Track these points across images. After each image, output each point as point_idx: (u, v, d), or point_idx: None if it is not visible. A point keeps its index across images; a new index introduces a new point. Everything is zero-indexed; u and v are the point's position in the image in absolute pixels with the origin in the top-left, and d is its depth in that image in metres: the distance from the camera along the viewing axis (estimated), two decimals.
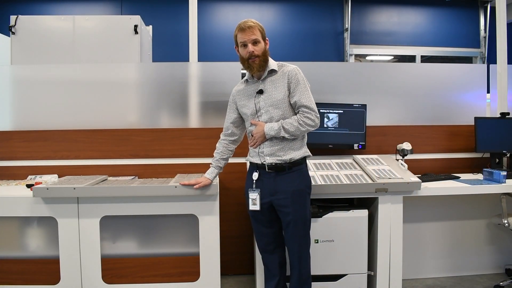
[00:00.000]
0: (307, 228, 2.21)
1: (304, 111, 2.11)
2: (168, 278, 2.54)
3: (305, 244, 2.22)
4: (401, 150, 2.92)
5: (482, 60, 6.86)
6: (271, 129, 2.11)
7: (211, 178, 2.39)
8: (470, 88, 3.36)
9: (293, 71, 2.15)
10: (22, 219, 2.52)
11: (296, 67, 2.17)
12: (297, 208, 2.15)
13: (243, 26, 2.12)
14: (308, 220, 2.21)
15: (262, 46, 2.14)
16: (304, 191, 2.18)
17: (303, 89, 2.12)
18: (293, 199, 2.15)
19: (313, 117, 2.11)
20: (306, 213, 2.19)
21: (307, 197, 2.21)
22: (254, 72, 2.16)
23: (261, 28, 2.15)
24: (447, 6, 6.81)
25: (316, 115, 2.12)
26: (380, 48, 6.85)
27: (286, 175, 2.16)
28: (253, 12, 6.50)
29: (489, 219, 3.02)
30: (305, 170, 2.22)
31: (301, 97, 2.11)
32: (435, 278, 3.04)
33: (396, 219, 2.58)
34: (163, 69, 3.23)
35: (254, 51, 2.11)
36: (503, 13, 3.40)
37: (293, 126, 2.09)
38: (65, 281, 2.47)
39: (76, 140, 3.02)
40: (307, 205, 2.20)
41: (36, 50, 3.41)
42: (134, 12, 3.90)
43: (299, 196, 2.16)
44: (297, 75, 2.14)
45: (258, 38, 2.12)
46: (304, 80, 2.16)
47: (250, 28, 2.11)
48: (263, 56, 2.13)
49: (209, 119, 3.19)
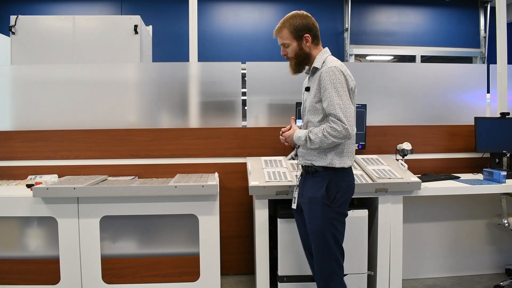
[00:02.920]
0: (322, 243, 2.00)
1: (331, 120, 1.91)
2: (168, 278, 2.54)
3: (323, 260, 2.02)
4: (401, 150, 2.92)
5: (482, 60, 6.86)
6: (299, 139, 2.02)
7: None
8: (470, 88, 3.36)
9: (324, 73, 1.93)
10: (22, 219, 2.52)
11: (332, 67, 1.92)
12: (311, 218, 2.03)
13: (275, 30, 2.06)
14: (323, 234, 1.98)
15: (293, 48, 2.02)
16: (318, 200, 1.98)
17: (331, 95, 1.89)
18: (308, 206, 2.03)
19: (340, 128, 1.87)
20: (320, 226, 1.99)
21: (323, 209, 1.98)
22: (292, 73, 2.10)
23: (292, 27, 2.00)
24: (447, 6, 6.81)
25: (344, 125, 1.87)
26: (380, 48, 6.85)
27: (309, 180, 2.06)
28: (253, 12, 6.51)
29: (489, 219, 3.02)
30: (329, 180, 1.99)
31: (329, 104, 1.90)
32: (435, 278, 3.04)
33: (396, 219, 2.58)
34: (163, 69, 3.23)
35: (286, 54, 2.06)
36: (503, 13, 3.40)
37: (318, 137, 1.93)
38: (65, 281, 2.47)
39: (76, 140, 3.02)
40: (322, 217, 1.98)
41: (36, 50, 3.41)
42: (134, 12, 3.90)
43: (313, 204, 2.00)
44: (326, 78, 1.91)
45: (285, 41, 2.03)
46: (336, 83, 1.90)
47: (278, 32, 2.05)
48: (296, 58, 2.04)
49: (209, 119, 3.19)
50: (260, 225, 2.53)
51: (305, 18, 2.03)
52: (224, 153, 3.07)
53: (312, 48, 2.04)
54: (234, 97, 3.17)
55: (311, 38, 2.02)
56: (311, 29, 2.02)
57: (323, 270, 2.04)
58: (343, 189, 2.01)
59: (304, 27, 2.01)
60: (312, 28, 2.03)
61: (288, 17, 2.04)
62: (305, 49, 2.03)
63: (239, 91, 3.17)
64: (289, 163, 2.84)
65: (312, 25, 2.04)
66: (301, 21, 2.01)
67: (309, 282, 2.54)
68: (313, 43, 2.04)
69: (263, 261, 2.54)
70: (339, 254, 2.04)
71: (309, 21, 2.03)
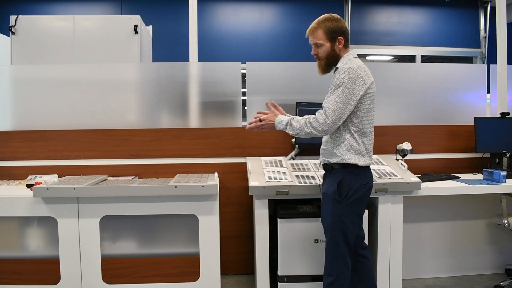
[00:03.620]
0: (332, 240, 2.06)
1: (318, 111, 2.02)
2: (168, 278, 2.54)
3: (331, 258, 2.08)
4: (401, 150, 2.92)
5: (482, 60, 6.86)
6: (280, 123, 2.11)
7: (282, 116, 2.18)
8: (470, 88, 3.36)
9: (337, 73, 2.04)
10: (22, 219, 2.52)
11: (346, 68, 2.00)
12: (322, 214, 2.13)
13: (309, 29, 2.12)
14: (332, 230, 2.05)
15: (325, 49, 2.08)
16: (329, 196, 2.06)
17: (333, 92, 2.00)
18: (322, 202, 2.14)
19: (321, 120, 1.97)
20: (329, 221, 2.07)
21: (334, 205, 2.04)
22: (320, 73, 2.16)
23: (327, 29, 2.07)
24: (447, 6, 6.81)
25: (326, 119, 1.96)
26: (380, 48, 6.84)
27: (327, 177, 2.15)
28: (253, 12, 6.50)
29: (489, 219, 3.02)
30: (341, 177, 2.05)
31: (326, 99, 2.03)
32: (435, 278, 3.04)
33: (396, 219, 2.58)
34: (163, 69, 3.23)
35: (317, 53, 2.12)
36: (503, 13, 3.40)
37: (299, 124, 2.03)
38: (65, 281, 2.47)
39: (76, 140, 3.02)
40: (331, 212, 2.05)
41: (36, 50, 3.41)
42: (134, 12, 3.90)
43: (325, 200, 2.11)
44: (336, 76, 2.03)
45: (318, 41, 2.09)
46: (341, 84, 1.97)
47: (312, 32, 2.10)
48: (327, 58, 2.10)
49: (209, 119, 3.19)
50: (260, 225, 2.53)
51: (340, 21, 2.11)
52: (224, 153, 3.07)
53: (342, 50, 2.12)
54: (234, 97, 3.17)
55: (344, 41, 2.10)
56: (344, 32, 2.10)
57: (331, 269, 2.08)
58: (356, 187, 2.05)
59: (339, 30, 2.08)
60: (345, 31, 2.11)
61: (324, 19, 2.11)
62: (337, 50, 2.10)
63: (239, 91, 3.17)
64: (289, 163, 2.84)
65: (345, 28, 2.12)
66: (336, 23, 2.09)
67: (309, 282, 2.54)
68: (344, 46, 2.12)
69: (263, 261, 2.54)
70: (348, 253, 2.08)
71: (343, 25, 2.12)
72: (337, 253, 2.07)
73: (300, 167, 2.79)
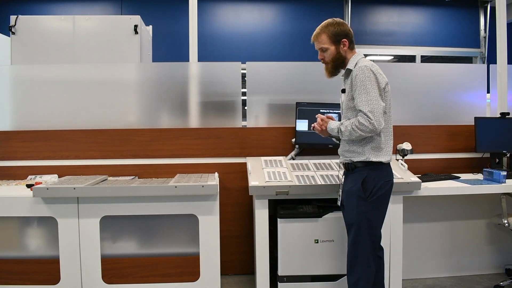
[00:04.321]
0: (357, 236, 2.08)
1: (359, 115, 2.02)
2: (168, 278, 2.54)
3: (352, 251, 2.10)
4: (401, 150, 2.92)
5: (482, 60, 6.86)
6: (332, 130, 2.15)
7: None
8: (470, 88, 3.36)
9: (355, 71, 2.06)
10: (22, 219, 2.52)
11: (362, 67, 2.04)
12: (347, 211, 2.14)
13: (313, 36, 2.18)
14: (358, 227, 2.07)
15: (331, 52, 2.14)
16: (353, 193, 2.09)
17: (360, 92, 2.01)
18: (346, 200, 2.16)
19: (366, 123, 1.98)
20: (354, 218, 2.09)
21: (359, 202, 2.07)
22: (328, 77, 2.21)
23: (330, 33, 2.13)
24: (447, 6, 6.81)
25: (370, 120, 1.98)
26: (380, 48, 6.85)
27: (349, 176, 2.16)
28: (253, 12, 6.50)
29: (489, 219, 3.02)
30: (365, 174, 2.08)
31: (358, 101, 2.03)
32: (435, 278, 3.04)
33: (396, 219, 2.58)
34: (163, 69, 3.23)
35: (324, 58, 2.17)
36: (503, 13, 3.40)
37: (347, 130, 2.05)
38: (65, 281, 2.47)
39: (76, 140, 3.02)
40: (357, 209, 2.08)
41: (36, 50, 3.41)
42: (134, 12, 3.90)
43: (349, 198, 2.12)
44: (357, 77, 2.04)
45: (324, 46, 2.15)
46: (365, 81, 2.01)
47: (316, 37, 2.17)
48: (333, 62, 2.16)
49: (209, 119, 3.19)
50: (260, 225, 2.52)
51: (342, 24, 2.16)
52: (224, 153, 3.07)
53: (348, 52, 2.17)
54: (234, 97, 3.17)
55: (348, 43, 2.15)
56: (347, 35, 2.15)
57: (355, 268, 2.10)
58: (380, 184, 2.09)
59: (342, 33, 2.14)
60: (348, 33, 2.16)
61: (327, 24, 2.16)
62: (342, 53, 2.15)
63: (239, 91, 3.17)
64: (289, 163, 2.84)
65: (349, 31, 2.17)
66: (339, 27, 2.14)
67: (309, 282, 2.55)
68: (349, 48, 2.17)
69: (263, 261, 2.54)
70: (372, 252, 2.10)
71: (346, 28, 2.17)
72: (362, 251, 2.09)
73: (300, 167, 2.79)
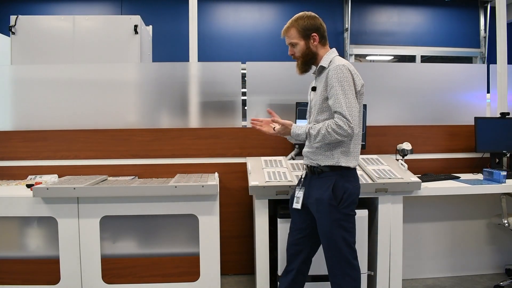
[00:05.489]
0: (332, 245, 1.98)
1: (337, 117, 1.90)
2: (168, 278, 2.54)
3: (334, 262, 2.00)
4: (401, 150, 2.92)
5: (482, 60, 6.87)
6: (298, 136, 2.02)
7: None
8: (470, 88, 3.36)
9: (332, 70, 1.94)
10: (22, 219, 2.52)
11: (340, 65, 1.93)
12: (319, 220, 2.01)
13: (283, 30, 2.09)
14: (331, 236, 1.97)
15: (300, 48, 2.04)
16: (325, 202, 1.97)
17: (337, 92, 1.90)
18: (317, 207, 2.01)
19: (345, 126, 1.88)
20: (327, 227, 1.98)
21: (331, 210, 1.96)
22: (299, 73, 2.12)
23: (300, 27, 2.03)
24: (447, 6, 6.81)
25: (349, 123, 1.87)
26: (380, 48, 6.85)
27: (315, 180, 2.05)
28: (253, 12, 6.51)
29: (489, 219, 3.02)
30: (336, 180, 1.98)
31: (335, 102, 1.91)
32: (435, 278, 3.04)
33: (396, 219, 2.58)
34: (163, 69, 3.23)
35: (294, 53, 2.08)
36: (503, 13, 3.40)
37: (320, 133, 1.93)
38: (65, 281, 2.48)
39: (76, 140, 3.02)
40: (329, 218, 1.97)
41: (36, 50, 3.41)
42: (134, 12, 3.90)
43: (320, 206, 1.99)
44: (333, 76, 1.92)
45: (293, 40, 2.05)
46: (343, 81, 1.91)
47: (286, 32, 2.07)
48: (303, 57, 2.06)
49: (209, 119, 3.19)
50: (260, 225, 2.52)
51: (313, 18, 2.07)
52: (224, 153, 3.07)
53: (319, 47, 2.07)
54: (234, 97, 3.17)
55: (319, 37, 2.05)
56: (318, 29, 2.05)
57: (335, 272, 2.03)
58: (350, 190, 2.00)
59: (312, 27, 2.04)
60: (319, 28, 2.06)
61: (296, 17, 2.07)
62: (312, 48, 2.05)
63: (239, 91, 3.17)
64: (289, 163, 2.84)
65: (320, 25, 2.07)
66: (309, 21, 2.05)
67: (309, 282, 2.54)
68: (320, 43, 2.07)
69: (263, 261, 2.54)
70: (350, 255, 2.01)
71: (317, 21, 2.07)
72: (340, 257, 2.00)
73: (300, 167, 2.79)
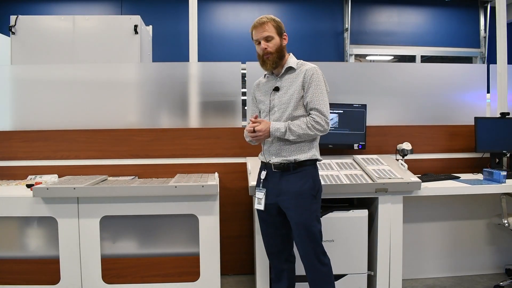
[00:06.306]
0: (312, 235, 2.05)
1: (315, 114, 2.03)
2: (168, 278, 2.54)
3: (312, 252, 2.07)
4: (401, 150, 2.92)
5: (482, 60, 6.86)
6: (277, 130, 2.04)
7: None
8: (470, 88, 3.36)
9: (310, 70, 2.07)
10: (22, 219, 2.52)
11: (316, 67, 2.09)
12: (300, 211, 2.05)
13: (256, 23, 2.10)
14: (312, 225, 2.05)
15: (276, 42, 2.08)
16: (307, 193, 2.06)
17: (316, 91, 2.04)
18: (296, 201, 2.06)
19: (323, 122, 2.02)
20: (309, 217, 2.06)
21: (312, 201, 2.07)
22: (268, 69, 2.14)
23: (276, 24, 2.10)
24: (447, 6, 6.81)
25: (326, 120, 2.03)
26: (380, 48, 6.85)
27: (290, 175, 2.08)
28: (253, 12, 6.50)
29: (489, 219, 3.02)
30: (312, 172, 2.11)
31: (314, 99, 2.03)
32: (435, 278, 3.04)
33: (396, 219, 2.58)
34: (163, 69, 3.23)
35: (267, 47, 2.08)
36: (503, 13, 3.40)
37: (301, 128, 2.02)
38: (65, 281, 2.47)
39: (76, 140, 3.02)
40: (311, 209, 2.07)
41: (36, 50, 3.41)
42: (134, 12, 3.90)
43: (302, 198, 2.06)
44: (313, 75, 2.05)
45: (270, 34, 2.08)
46: (320, 81, 2.06)
47: (262, 25, 2.08)
48: (277, 52, 2.09)
49: (209, 119, 3.19)
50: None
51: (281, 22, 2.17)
52: (224, 153, 3.07)
53: (285, 48, 2.16)
54: (234, 97, 3.17)
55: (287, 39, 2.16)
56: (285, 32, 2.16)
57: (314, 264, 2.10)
58: (319, 181, 2.16)
59: (283, 28, 2.15)
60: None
61: (270, 16, 2.14)
62: (283, 47, 2.14)
63: (239, 91, 3.17)
64: None
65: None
66: (280, 22, 2.15)
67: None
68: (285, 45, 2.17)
69: (263, 261, 2.54)
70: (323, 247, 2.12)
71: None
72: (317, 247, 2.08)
73: None
